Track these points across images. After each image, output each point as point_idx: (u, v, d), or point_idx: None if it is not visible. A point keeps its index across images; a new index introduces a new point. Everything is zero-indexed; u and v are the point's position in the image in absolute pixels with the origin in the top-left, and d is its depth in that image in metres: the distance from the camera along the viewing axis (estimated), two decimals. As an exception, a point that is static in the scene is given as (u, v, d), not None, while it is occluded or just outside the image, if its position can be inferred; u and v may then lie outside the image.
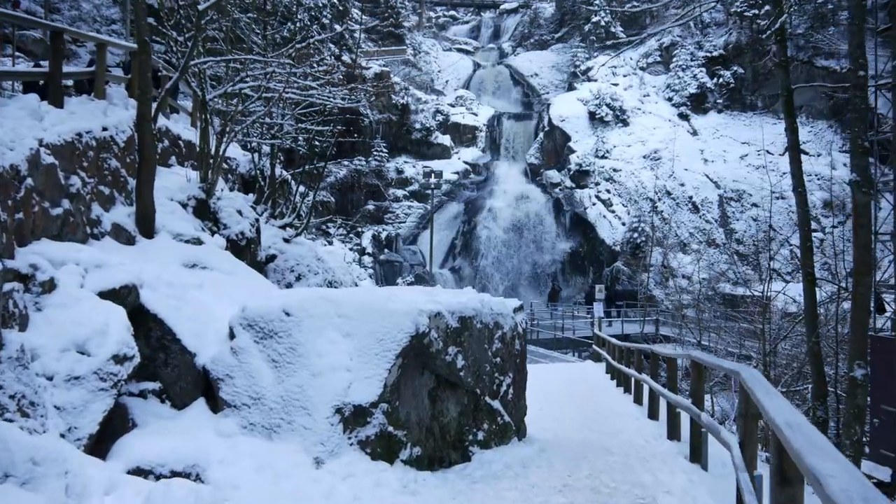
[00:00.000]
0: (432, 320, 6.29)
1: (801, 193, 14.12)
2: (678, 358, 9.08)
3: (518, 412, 7.99)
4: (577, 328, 31.51)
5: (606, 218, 46.41)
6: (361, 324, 6.10)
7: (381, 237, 50.54)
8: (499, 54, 74.37)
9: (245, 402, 5.91)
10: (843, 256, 33.60)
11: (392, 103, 56.59)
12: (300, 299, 6.26)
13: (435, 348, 6.31)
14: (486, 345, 7.13)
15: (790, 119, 14.29)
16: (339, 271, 12.73)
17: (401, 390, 6.10)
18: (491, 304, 7.28)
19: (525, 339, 8.27)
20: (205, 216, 10.25)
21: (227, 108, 10.52)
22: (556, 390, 15.21)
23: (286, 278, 11.69)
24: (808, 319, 13.96)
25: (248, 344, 6.11)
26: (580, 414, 11.58)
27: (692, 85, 52.82)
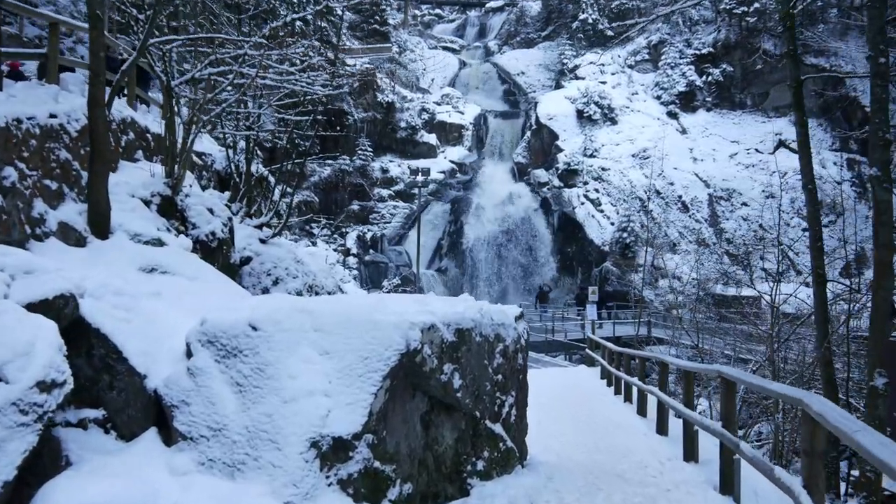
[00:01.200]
0: (425, 334, 5.37)
1: (811, 190, 13.30)
2: (703, 372, 8.20)
3: (520, 434, 7.10)
4: (567, 330, 30.67)
5: (595, 217, 45.68)
6: (342, 339, 5.17)
7: (366, 238, 49.60)
8: (485, 52, 73.60)
9: (203, 433, 4.97)
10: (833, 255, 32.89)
11: (377, 101, 55.62)
12: (270, 311, 5.32)
13: (428, 367, 5.40)
14: (486, 360, 6.22)
15: (799, 112, 13.44)
16: (321, 274, 11.79)
17: (389, 417, 5.19)
18: (491, 313, 6.37)
19: (527, 351, 7.38)
20: (171, 215, 9.28)
21: (196, 96, 9.56)
22: (552, 399, 14.33)
23: (262, 283, 10.75)
24: (818, 323, 13.15)
25: (207, 364, 5.17)
26: (582, 428, 10.71)
27: (681, 83, 52.22)
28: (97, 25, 7.19)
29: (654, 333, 29.72)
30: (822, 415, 3.59)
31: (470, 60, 71.05)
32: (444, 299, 6.49)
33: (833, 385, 13.10)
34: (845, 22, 49.31)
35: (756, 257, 41.80)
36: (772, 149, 48.99)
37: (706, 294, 30.56)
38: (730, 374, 5.84)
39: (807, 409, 3.87)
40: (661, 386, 9.78)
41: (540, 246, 47.23)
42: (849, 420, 3.32)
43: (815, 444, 3.90)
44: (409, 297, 6.30)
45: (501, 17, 79.84)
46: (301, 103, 12.06)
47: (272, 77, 10.37)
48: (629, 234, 42.75)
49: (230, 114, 12.05)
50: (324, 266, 12.31)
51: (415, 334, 5.22)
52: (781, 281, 22.60)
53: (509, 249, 47.16)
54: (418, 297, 6.23)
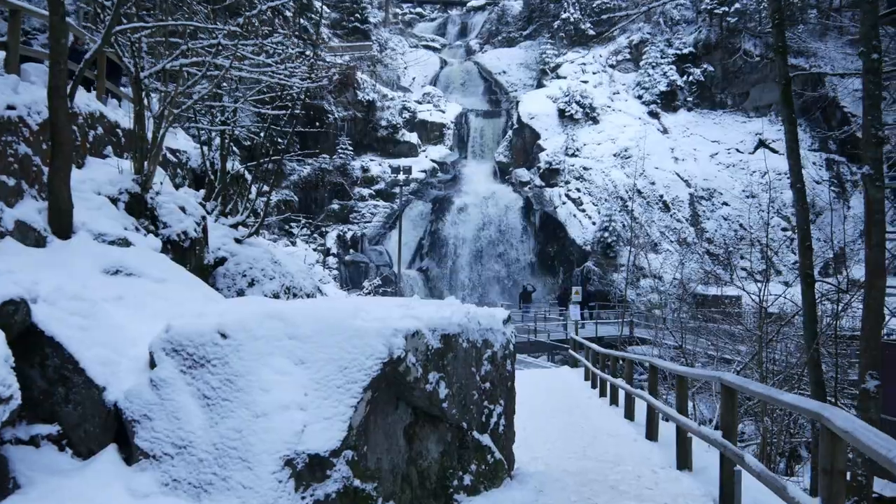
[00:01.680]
0: (409, 341, 5.00)
1: (799, 189, 13.06)
2: (700, 378, 7.89)
3: (508, 443, 6.74)
4: (550, 331, 30.38)
5: (577, 217, 45.50)
6: (319, 348, 4.78)
7: (347, 237, 49.06)
8: (466, 51, 73.25)
9: (167, 450, 4.56)
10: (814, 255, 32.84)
11: (357, 100, 55.09)
12: (240, 317, 4.92)
13: (413, 376, 5.02)
14: (473, 368, 5.86)
15: (788, 109, 13.21)
16: (299, 275, 11.36)
17: (370, 431, 4.80)
18: (478, 317, 6.00)
19: (515, 356, 7.02)
20: (140, 213, 8.82)
21: (167, 89, 9.11)
22: (537, 402, 14.01)
23: (237, 284, 10.31)
24: (806, 324, 12.92)
25: (172, 375, 4.76)
26: (569, 433, 10.37)
27: (662, 83, 52.18)
28: (58, 10, 6.73)
29: (636, 333, 29.52)
30: (849, 432, 3.27)
31: (451, 59, 70.69)
32: (429, 303, 6.12)
33: (822, 387, 12.88)
34: (825, 23, 49.58)
35: (737, 257, 41.89)
36: (752, 149, 49.09)
37: (687, 294, 30.40)
38: (732, 382, 5.51)
39: (828, 424, 3.54)
40: (651, 390, 9.46)
41: (521, 245, 46.97)
42: (883, 439, 3.00)
43: (836, 462, 3.58)
44: (393, 301, 5.92)
45: (483, 16, 79.53)
46: (279, 98, 11.60)
47: (248, 69, 9.94)
48: (611, 233, 42.59)
49: (205, 109, 11.60)
50: (302, 267, 11.88)
51: (398, 341, 4.84)
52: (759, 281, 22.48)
53: (491, 249, 46.86)
54: (402, 301, 5.85)
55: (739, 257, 42.90)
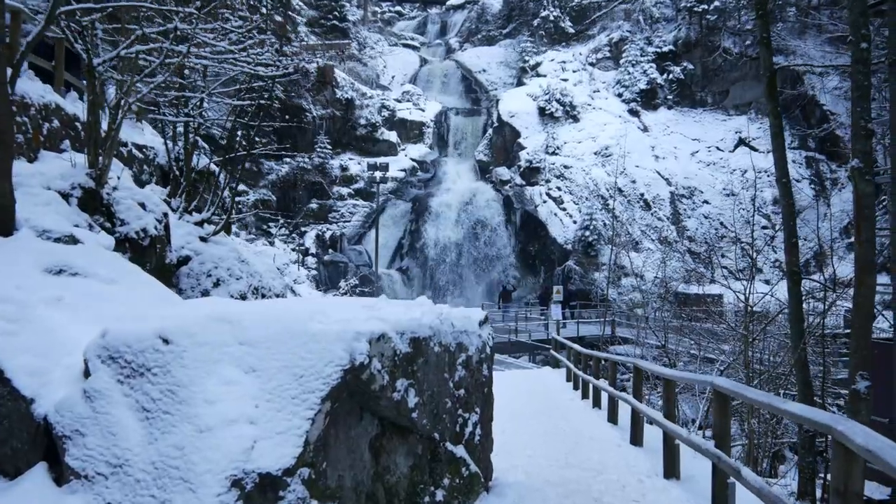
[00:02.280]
0: (374, 345, 4.53)
1: (785, 184, 12.74)
2: (689, 382, 7.49)
3: (485, 454, 6.30)
4: (531, 330, 30.00)
5: (557, 216, 45.20)
6: (273, 354, 4.31)
7: (325, 237, 48.52)
8: (446, 50, 72.87)
9: (101, 470, 4.07)
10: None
11: (336, 98, 54.51)
12: (185, 321, 4.43)
13: (378, 384, 4.56)
14: (446, 374, 5.40)
15: (773, 102, 12.89)
16: (268, 275, 10.86)
17: (330, 446, 4.34)
18: (452, 318, 5.54)
19: (492, 359, 6.58)
20: (94, 209, 8.29)
21: (123, 77, 8.58)
22: (517, 405, 13.59)
23: (202, 284, 9.80)
24: (793, 323, 12.60)
25: (108, 385, 4.26)
26: (550, 439, 9.96)
27: (642, 81, 52.06)
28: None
29: (618, 333, 29.23)
30: (873, 451, 2.86)
31: (431, 58, 70.30)
32: (397, 303, 5.66)
33: (809, 387, 12.56)
34: (804, 21, 49.62)
35: (719, 255, 41.75)
36: (732, 147, 49.06)
37: (668, 293, 30.17)
38: (726, 388, 5.10)
39: (842, 439, 3.13)
40: (635, 393, 9.06)
41: (502, 244, 46.63)
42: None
43: (851, 483, 3.18)
44: (357, 302, 5.45)
45: (462, 15, 79.20)
46: (249, 90, 11.08)
47: (209, 56, 9.42)
48: (592, 232, 42.34)
49: (170, 101, 11.06)
50: (270, 266, 11.38)
51: (361, 346, 4.38)
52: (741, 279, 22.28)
53: (471, 248, 46.47)
54: (367, 302, 5.38)
55: (720, 256, 42.90)
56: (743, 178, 46.51)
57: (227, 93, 11.68)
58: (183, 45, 8.47)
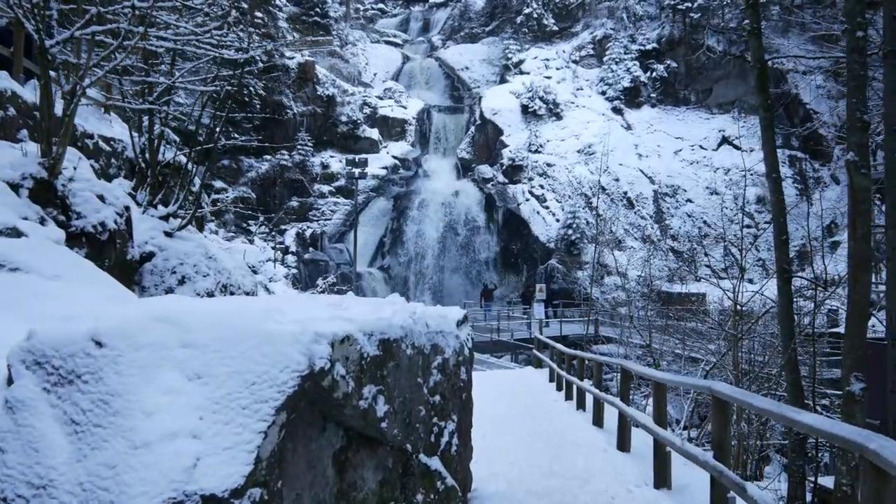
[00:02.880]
0: (338, 348, 4.05)
1: (775, 179, 12.40)
2: (686, 387, 7.06)
3: (463, 464, 5.83)
4: (513, 330, 29.59)
5: (540, 214, 44.87)
6: (221, 358, 3.81)
7: (306, 235, 47.89)
8: (428, 47, 72.39)
9: (21, 492, 3.56)
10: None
11: (317, 95, 53.88)
12: (122, 321, 3.92)
13: (342, 391, 4.08)
14: (419, 378, 4.93)
15: (763, 95, 12.54)
16: (237, 272, 10.34)
17: (286, 462, 3.85)
18: (426, 318, 5.07)
19: (472, 362, 6.12)
20: (47, 201, 7.74)
21: (79, 61, 8.03)
22: (499, 407, 13.15)
23: (166, 282, 9.27)
24: (782, 322, 12.26)
25: (32, 394, 3.75)
26: (534, 443, 9.51)
27: (625, 79, 51.83)
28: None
29: (602, 332, 28.89)
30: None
31: (413, 55, 69.77)
32: (366, 301, 5.18)
33: (799, 389, 12.21)
34: (787, 19, 49.56)
35: (702, 253, 41.53)
36: (715, 145, 48.94)
37: (652, 291, 29.86)
38: (728, 394, 4.65)
39: (875, 458, 2.70)
40: (622, 396, 8.63)
41: (484, 243, 46.22)
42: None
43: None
44: (322, 300, 4.97)
45: (445, 13, 78.73)
46: (217, 77, 10.53)
47: (170, 38, 8.88)
48: (575, 230, 42.04)
49: (138, 89, 10.51)
50: (241, 263, 10.85)
51: (322, 349, 3.89)
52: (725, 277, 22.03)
53: (453, 246, 46.03)
54: (332, 300, 4.90)
55: (704, 254, 42.72)
56: (726, 177, 46.44)
57: (195, 81, 11.10)
58: (142, 27, 7.92)
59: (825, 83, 48.40)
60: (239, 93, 44.60)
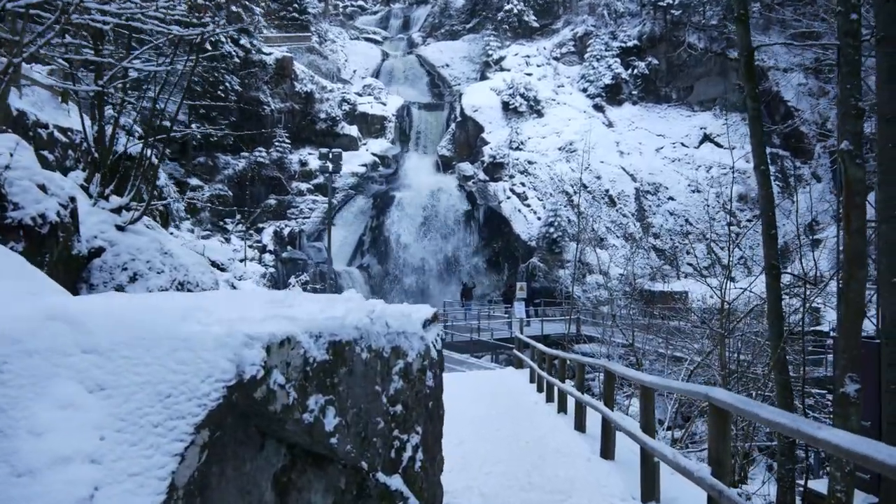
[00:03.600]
0: (275, 352, 3.43)
1: (763, 171, 11.85)
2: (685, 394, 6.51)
3: (432, 478, 5.23)
4: (493, 329, 29.03)
5: (521, 212, 44.39)
6: (130, 366, 3.18)
7: (284, 233, 47.12)
8: (408, 45, 71.74)
9: None
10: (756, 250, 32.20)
11: (295, 91, 53.06)
12: (12, 322, 3.29)
13: (280, 403, 3.46)
14: (377, 386, 4.32)
15: (751, 83, 12.02)
16: (196, 269, 9.66)
17: (211, 488, 3.22)
18: (386, 317, 4.45)
19: (442, 366, 5.52)
20: (-23, 191, 7.05)
21: (14, 37, 7.35)
22: (476, 410, 12.57)
23: (115, 279, 8.59)
24: (771, 321, 11.74)
25: None
26: (512, 451, 8.93)
27: (607, 76, 51.46)
28: None
29: (584, 331, 28.41)
30: None
31: (393, 52, 69.09)
32: (316, 298, 4.57)
33: (789, 391, 11.71)
34: (768, 16, 49.42)
35: (685, 251, 41.25)
36: (697, 143, 48.69)
37: (634, 290, 29.44)
38: (728, 403, 4.07)
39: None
40: (606, 400, 8.07)
41: (465, 241, 45.64)
42: None
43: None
44: (263, 296, 4.35)
45: (426, 10, 78.07)
46: (175, 54, 9.82)
47: (112, 12, 8.18)
48: (556, 228, 41.57)
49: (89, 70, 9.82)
50: (200, 259, 10.18)
51: (253, 354, 3.27)
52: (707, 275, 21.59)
53: (433, 245, 45.41)
54: (275, 296, 4.28)
55: (686, 252, 42.41)
56: (708, 175, 46.16)
57: (152, 63, 10.38)
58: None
59: (806, 80, 48.32)
60: (208, 80, 43.67)
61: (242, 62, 49.51)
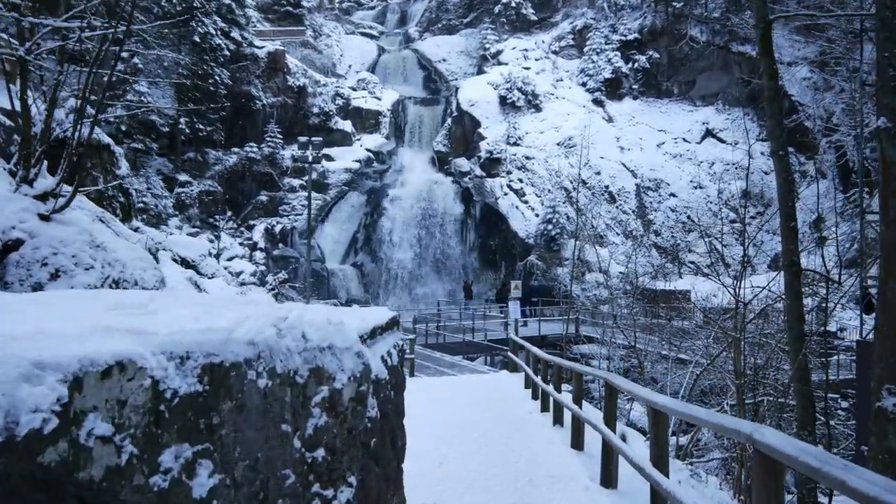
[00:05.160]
0: (93, 387, 2.17)
1: (782, 157, 10.64)
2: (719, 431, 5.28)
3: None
4: (489, 329, 27.77)
5: (519, 209, 43.14)
6: None
7: (275, 231, 45.91)
8: (405, 39, 70.50)
9: None
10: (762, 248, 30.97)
11: (287, 85, 51.83)
12: None
13: (102, 465, 2.19)
14: (285, 424, 3.05)
15: (768, 59, 10.79)
16: (136, 265, 8.39)
17: None
18: (302, 326, 3.19)
19: (401, 386, 4.27)
20: None
21: None
22: (463, 420, 11.35)
23: (34, 276, 7.34)
24: (791, 322, 10.52)
25: None
26: (499, 475, 7.69)
27: (607, 69, 50.22)
28: None
29: (583, 332, 27.19)
30: None
31: (389, 47, 67.84)
32: (197, 301, 3.32)
33: (810, 401, 10.49)
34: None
35: (687, 249, 40.03)
36: (699, 138, 47.47)
37: (635, 288, 28.24)
38: (787, 454, 2.83)
39: None
40: (607, 420, 6.83)
41: (461, 239, 44.41)
42: None
43: None
44: (109, 298, 3.12)
45: (423, 4, 76.82)
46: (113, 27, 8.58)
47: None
48: (555, 225, 40.33)
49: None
50: (142, 254, 8.92)
51: (39, 394, 2.02)
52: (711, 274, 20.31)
53: (429, 242, 44.18)
54: (132, 299, 3.04)
55: (688, 250, 41.16)
56: (710, 171, 44.94)
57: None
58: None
59: (811, 74, 47.09)
60: (196, 72, 42.29)
61: (233, 55, 48.26)
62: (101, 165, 13.23)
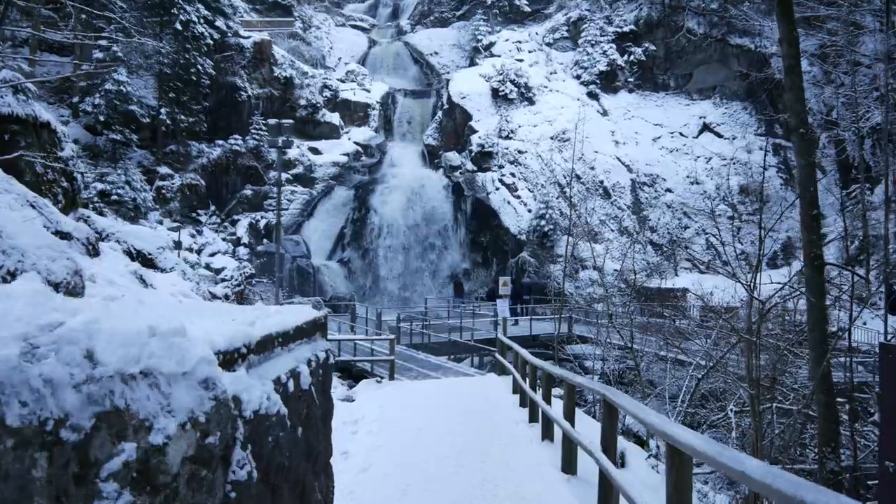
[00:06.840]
0: None
1: (803, 136, 9.36)
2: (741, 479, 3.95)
3: None
4: (477, 329, 26.42)
5: (511, 204, 41.80)
6: None
7: (260, 226, 44.46)
8: (397, 32, 68.98)
9: None
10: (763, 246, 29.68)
11: (274, 76, 50.32)
12: None
13: None
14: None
15: (787, 26, 9.51)
16: (40, 253, 7.02)
17: None
18: (94, 341, 1.83)
19: (322, 416, 2.94)
20: None
21: None
22: (437, 435, 10.02)
23: None
24: (813, 326, 9.25)
25: None
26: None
27: (601, 62, 48.90)
28: None
29: (576, 331, 25.86)
30: None
31: (380, 40, 66.33)
32: None
33: (833, 414, 9.23)
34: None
35: (684, 246, 38.75)
36: (696, 133, 46.22)
37: (631, 287, 26.92)
38: None
39: None
40: (607, 448, 5.50)
41: (452, 234, 43.04)
42: None
43: None
44: None
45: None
46: None
47: None
48: (548, 221, 39.00)
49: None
50: (51, 241, 7.57)
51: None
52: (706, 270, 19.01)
53: (418, 238, 42.81)
54: None
55: (685, 247, 39.92)
56: (707, 166, 43.71)
57: None
58: None
59: (811, 68, 45.85)
60: (178, 61, 40.91)
61: (218, 45, 46.77)
62: (39, 145, 11.86)
